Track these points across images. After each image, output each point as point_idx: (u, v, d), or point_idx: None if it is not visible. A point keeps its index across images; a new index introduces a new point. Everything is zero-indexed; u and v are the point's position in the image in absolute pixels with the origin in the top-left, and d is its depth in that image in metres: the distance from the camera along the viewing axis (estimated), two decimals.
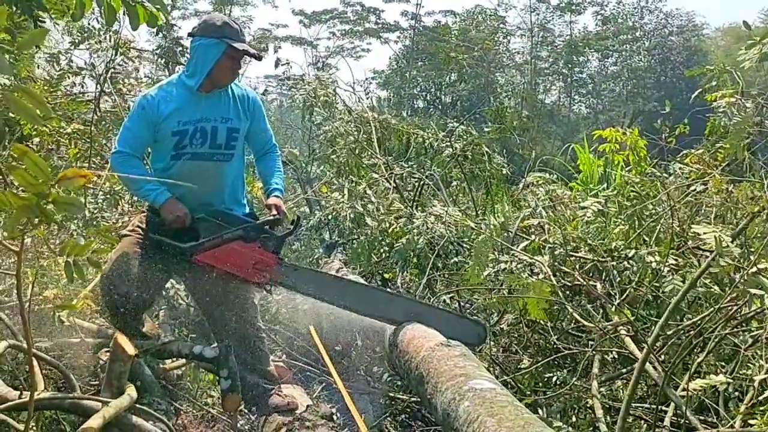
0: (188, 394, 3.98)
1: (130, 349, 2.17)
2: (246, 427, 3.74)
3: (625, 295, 3.99)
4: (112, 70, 4.66)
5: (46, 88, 4.76)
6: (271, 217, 3.11)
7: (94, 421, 1.72)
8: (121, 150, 3.02)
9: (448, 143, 6.39)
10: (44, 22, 3.85)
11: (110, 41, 4.70)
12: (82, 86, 5.25)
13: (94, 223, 3.99)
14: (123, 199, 4.53)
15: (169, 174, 3.04)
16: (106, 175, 4.48)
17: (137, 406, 2.13)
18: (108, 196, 4.41)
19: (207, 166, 3.06)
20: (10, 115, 4.25)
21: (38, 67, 5.78)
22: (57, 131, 4.44)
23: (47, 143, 4.51)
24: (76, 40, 4.93)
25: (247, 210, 3.34)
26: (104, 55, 4.90)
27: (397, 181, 6.22)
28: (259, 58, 3.10)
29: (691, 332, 3.68)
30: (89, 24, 5.33)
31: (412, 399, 3.75)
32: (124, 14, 2.86)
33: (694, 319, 3.54)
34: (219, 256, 2.99)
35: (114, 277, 2.98)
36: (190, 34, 3.03)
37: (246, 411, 3.73)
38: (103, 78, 4.54)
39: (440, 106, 18.55)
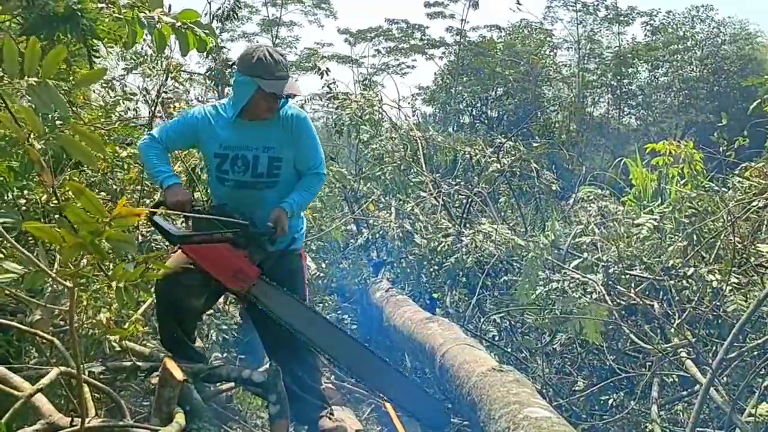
0: (238, 416, 3.99)
1: (179, 375, 2.17)
2: None
3: (685, 314, 3.84)
4: (164, 94, 4.73)
5: (101, 113, 4.86)
6: (267, 229, 2.99)
7: None
8: (153, 135, 3.07)
9: (496, 159, 6.32)
10: (98, 50, 3.95)
11: (161, 66, 4.78)
12: (136, 111, 5.36)
13: (147, 246, 4.03)
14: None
15: (219, 197, 3.07)
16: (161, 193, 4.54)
17: None
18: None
19: (251, 192, 3.05)
20: None
21: (93, 92, 5.90)
22: (112, 157, 4.52)
23: (103, 168, 4.59)
24: (129, 66, 5.03)
25: (304, 227, 3.32)
26: (156, 80, 4.99)
27: (444, 198, 6.17)
28: (290, 97, 3.03)
29: (756, 354, 3.53)
30: (142, 49, 5.45)
31: (464, 422, 3.67)
32: (174, 40, 2.90)
33: (760, 341, 3.38)
34: (203, 253, 2.94)
35: (169, 282, 2.99)
36: (231, 65, 3.03)
37: None
38: (154, 103, 4.62)
39: (486, 122, 18.40)
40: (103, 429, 2.07)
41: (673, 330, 3.75)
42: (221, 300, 3.95)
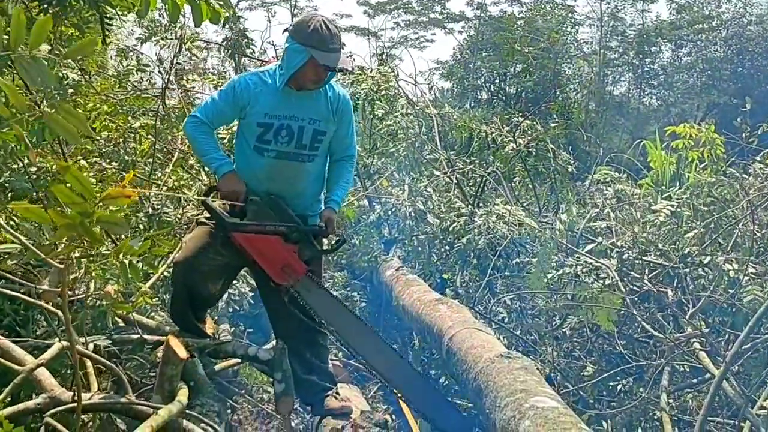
0: (244, 390, 4.00)
1: (182, 353, 2.14)
2: (300, 427, 3.72)
3: (700, 303, 3.78)
4: (177, 65, 4.66)
5: (114, 82, 4.82)
6: (318, 227, 3.03)
7: None
8: (197, 116, 3.01)
9: (512, 139, 6.21)
10: (111, 18, 3.89)
11: (175, 36, 4.71)
12: (150, 82, 5.31)
13: (157, 219, 4.01)
14: (189, 190, 4.53)
15: (255, 170, 3.00)
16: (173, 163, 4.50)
17: (188, 412, 2.10)
18: (171, 191, 4.42)
19: (291, 165, 2.99)
20: (79, 111, 4.32)
21: (111, 58, 5.86)
22: (123, 127, 4.48)
23: (115, 138, 4.56)
24: (143, 36, 4.97)
25: (323, 205, 3.28)
26: (170, 50, 4.92)
27: (458, 176, 6.09)
28: (343, 71, 2.94)
29: None
30: (158, 17, 5.37)
31: (471, 404, 3.65)
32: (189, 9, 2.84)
33: None
34: (254, 242, 2.94)
35: (186, 266, 2.98)
36: (285, 31, 2.96)
37: (301, 409, 3.71)
38: (167, 73, 4.56)
39: (504, 98, 18.15)
40: (104, 404, 2.06)
41: (686, 319, 3.69)
42: None
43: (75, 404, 1.89)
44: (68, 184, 1.09)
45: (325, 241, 3.32)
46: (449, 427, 3.16)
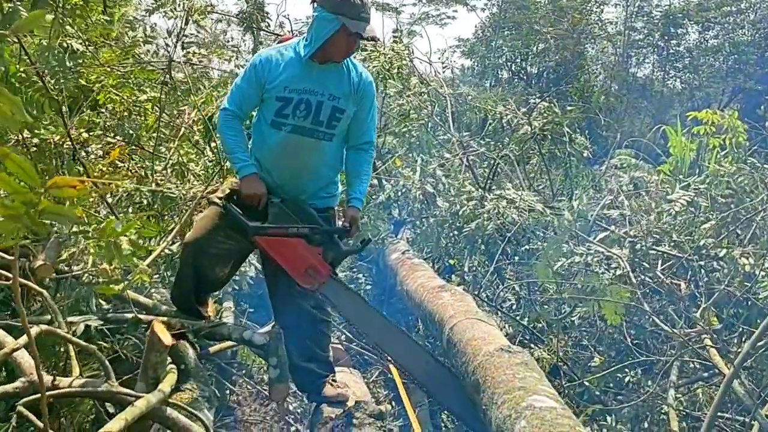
0: (244, 371, 3.95)
1: (167, 340, 2.08)
2: (299, 411, 3.67)
3: (713, 298, 3.66)
4: (184, 38, 4.55)
5: (119, 53, 4.72)
6: (342, 228, 2.95)
7: (115, 425, 1.62)
8: (228, 107, 2.94)
9: (527, 121, 6.04)
10: None
11: (182, 8, 4.60)
12: (156, 54, 5.21)
13: (161, 195, 3.94)
14: (196, 166, 4.46)
15: (270, 145, 2.93)
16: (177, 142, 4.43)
17: (170, 401, 2.03)
18: (176, 166, 4.35)
19: (307, 141, 2.89)
20: (82, 82, 4.25)
21: (128, 30, 5.76)
22: (129, 100, 4.40)
23: (120, 111, 4.49)
24: (151, 8, 4.87)
25: (339, 188, 3.18)
26: (178, 21, 4.81)
27: (471, 159, 5.95)
28: (372, 40, 2.84)
29: None
30: None
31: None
32: None
33: None
34: (277, 246, 2.88)
35: (195, 246, 2.93)
36: (312, 1, 2.85)
37: (300, 394, 3.66)
38: (173, 46, 4.45)
39: (525, 78, 17.87)
40: (87, 391, 1.99)
41: (698, 314, 3.58)
42: None
43: (54, 390, 1.83)
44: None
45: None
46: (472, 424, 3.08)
